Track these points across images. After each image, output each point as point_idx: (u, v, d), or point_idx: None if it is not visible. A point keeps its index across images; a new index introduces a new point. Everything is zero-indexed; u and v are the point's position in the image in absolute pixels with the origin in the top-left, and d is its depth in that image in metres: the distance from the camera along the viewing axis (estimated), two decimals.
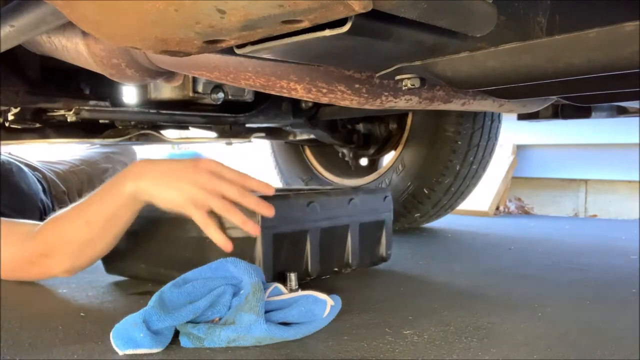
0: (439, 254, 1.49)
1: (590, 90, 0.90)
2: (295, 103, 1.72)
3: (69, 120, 1.38)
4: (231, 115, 1.62)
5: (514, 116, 1.54)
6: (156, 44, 0.60)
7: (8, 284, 1.02)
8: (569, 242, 1.73)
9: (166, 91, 1.38)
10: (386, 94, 0.92)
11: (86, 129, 1.56)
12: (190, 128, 1.74)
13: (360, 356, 0.67)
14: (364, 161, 2.06)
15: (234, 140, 1.73)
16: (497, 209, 2.63)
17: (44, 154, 1.85)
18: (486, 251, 1.54)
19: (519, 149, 2.78)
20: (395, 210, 1.29)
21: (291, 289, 0.84)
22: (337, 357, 0.67)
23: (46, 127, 1.52)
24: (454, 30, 0.62)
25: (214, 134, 1.72)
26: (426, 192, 1.78)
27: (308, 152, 2.15)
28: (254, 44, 0.63)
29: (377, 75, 0.80)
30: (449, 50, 0.70)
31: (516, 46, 0.66)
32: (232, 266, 0.78)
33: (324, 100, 0.90)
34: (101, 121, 1.50)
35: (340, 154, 2.07)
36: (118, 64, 0.96)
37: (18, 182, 1.50)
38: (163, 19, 0.53)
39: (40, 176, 1.66)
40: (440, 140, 1.74)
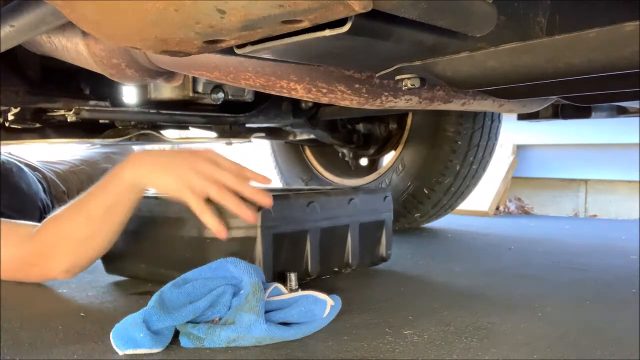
0: (439, 254, 1.49)
1: (590, 90, 0.90)
2: (295, 103, 1.72)
3: (69, 120, 1.38)
4: (231, 115, 1.62)
5: (514, 116, 1.54)
6: (156, 44, 0.60)
7: (8, 284, 1.02)
8: (569, 242, 1.73)
9: (166, 91, 1.38)
10: (386, 94, 0.92)
11: (86, 129, 1.56)
12: (190, 128, 1.74)
13: (360, 356, 0.67)
14: (364, 161, 2.06)
15: (234, 140, 1.73)
16: (497, 209, 2.63)
17: (44, 154, 1.85)
18: (486, 251, 1.54)
19: (519, 149, 2.78)
20: (395, 210, 1.29)
21: (291, 289, 0.84)
22: (337, 357, 0.67)
23: (46, 127, 1.52)
24: (454, 30, 0.62)
25: (214, 134, 1.72)
26: (426, 192, 1.78)
27: (308, 152, 2.14)
28: (254, 44, 0.63)
29: (377, 75, 0.80)
30: (449, 50, 0.70)
31: (516, 46, 0.66)
32: (232, 266, 0.78)
33: (324, 100, 0.90)
34: (101, 121, 1.51)
35: (340, 154, 2.07)
36: (118, 64, 0.96)
37: (18, 182, 1.50)
38: (163, 19, 0.53)
39: (40, 176, 1.66)
40: (440, 140, 1.74)
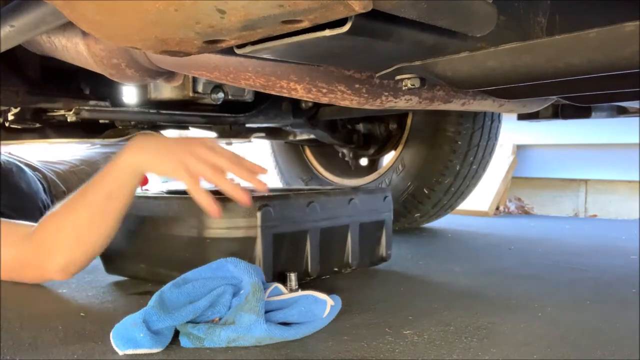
0: (439, 254, 1.49)
1: (590, 90, 0.90)
2: (295, 103, 1.72)
3: (69, 120, 1.38)
4: (231, 115, 1.62)
5: (514, 116, 1.54)
6: (156, 44, 0.60)
7: (8, 284, 1.02)
8: (569, 242, 1.73)
9: (166, 91, 1.38)
10: (386, 94, 0.92)
11: (86, 129, 1.56)
12: (190, 128, 1.74)
13: (360, 356, 0.67)
14: (364, 161, 2.06)
15: (234, 140, 1.73)
16: (497, 209, 2.63)
17: (44, 154, 1.85)
18: (486, 251, 1.54)
19: (519, 149, 2.78)
20: (395, 210, 1.29)
21: (291, 289, 0.84)
22: (337, 357, 0.67)
23: (46, 127, 1.52)
24: (454, 30, 0.62)
25: (214, 134, 1.72)
26: (426, 192, 1.78)
27: (308, 152, 2.14)
28: (254, 44, 0.63)
29: (377, 75, 0.80)
30: (449, 50, 0.70)
31: (516, 46, 0.66)
32: (232, 266, 0.78)
33: (324, 100, 0.90)
34: (101, 121, 1.50)
35: (340, 154, 2.07)
36: (118, 64, 0.96)
37: (18, 182, 1.50)
38: (163, 19, 0.53)
39: (41, 176, 1.66)
40: (440, 140, 1.74)
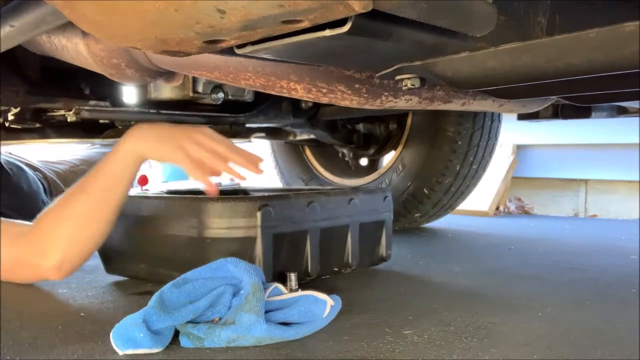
0: (439, 254, 1.49)
1: (590, 90, 0.90)
2: (295, 103, 1.72)
3: (69, 120, 1.38)
4: (231, 115, 1.62)
5: (514, 116, 1.54)
6: (156, 44, 0.60)
7: (8, 284, 1.02)
8: (569, 242, 1.73)
9: (166, 91, 1.38)
10: (386, 94, 0.92)
11: (86, 129, 1.56)
12: None
13: (360, 356, 0.67)
14: (364, 161, 2.06)
15: (233, 140, 1.73)
16: (497, 209, 2.63)
17: (44, 154, 1.85)
18: (486, 251, 1.54)
19: (519, 149, 2.78)
20: (395, 210, 1.29)
21: (291, 289, 0.84)
22: (337, 357, 0.67)
23: (46, 127, 1.52)
24: (454, 30, 0.62)
25: None
26: (426, 192, 1.78)
27: (308, 152, 2.14)
28: (254, 44, 0.63)
29: (377, 75, 0.80)
30: (449, 50, 0.70)
31: (516, 46, 0.66)
32: (232, 266, 0.78)
33: (324, 100, 0.90)
34: (101, 121, 1.50)
35: (340, 154, 2.07)
36: (118, 64, 0.96)
37: (18, 182, 1.50)
38: (163, 19, 0.53)
39: (41, 176, 1.66)
40: (440, 140, 1.74)
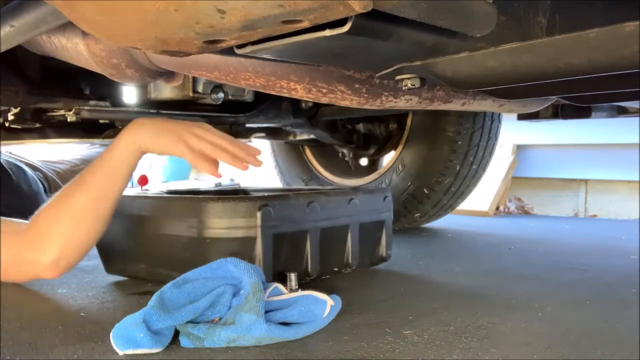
0: (439, 254, 1.49)
1: (590, 90, 0.90)
2: (295, 103, 1.72)
3: (69, 120, 1.38)
4: (231, 115, 1.62)
5: (514, 116, 1.54)
6: (156, 44, 0.60)
7: (8, 284, 1.02)
8: (569, 242, 1.73)
9: (166, 91, 1.38)
10: (386, 94, 0.92)
11: (86, 129, 1.56)
12: None
13: (360, 356, 0.67)
14: (364, 161, 2.06)
15: None
16: (497, 209, 2.63)
17: (44, 154, 1.85)
18: (486, 251, 1.54)
19: (519, 149, 2.78)
20: (395, 210, 1.29)
21: (291, 289, 0.84)
22: (337, 357, 0.67)
23: (46, 127, 1.52)
24: (454, 30, 0.62)
25: None
26: (426, 192, 1.78)
27: (308, 152, 2.14)
28: (254, 44, 0.63)
29: (377, 75, 0.80)
30: (449, 50, 0.70)
31: (516, 46, 0.66)
32: (232, 266, 0.78)
33: (324, 100, 0.90)
34: (101, 121, 1.50)
35: (340, 154, 2.07)
36: (118, 64, 0.96)
37: (18, 182, 1.50)
38: (163, 19, 0.53)
39: (41, 176, 1.66)
40: (440, 140, 1.74)
